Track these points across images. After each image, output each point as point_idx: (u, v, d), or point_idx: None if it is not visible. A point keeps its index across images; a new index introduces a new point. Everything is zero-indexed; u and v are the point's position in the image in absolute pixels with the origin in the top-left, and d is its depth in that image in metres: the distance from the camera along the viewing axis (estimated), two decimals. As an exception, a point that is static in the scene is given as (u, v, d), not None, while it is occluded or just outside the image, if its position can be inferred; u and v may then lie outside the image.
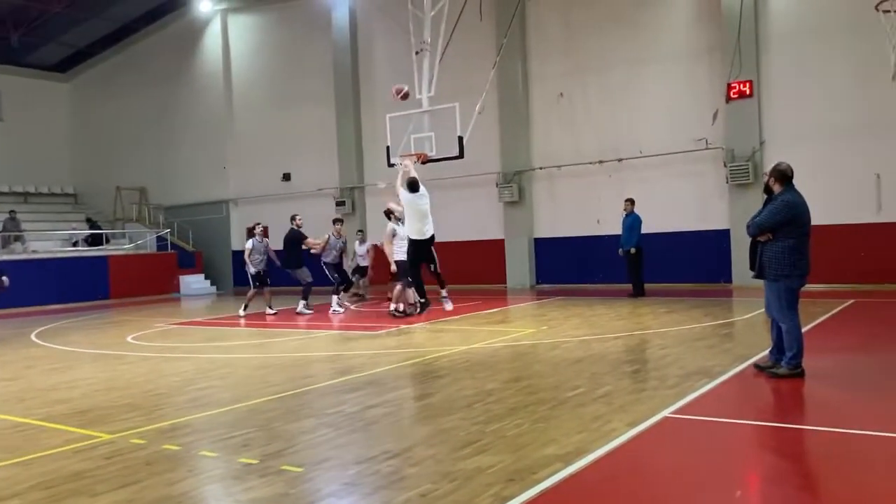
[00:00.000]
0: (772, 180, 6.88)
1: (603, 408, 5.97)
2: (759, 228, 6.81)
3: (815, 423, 5.72)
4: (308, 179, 23.22)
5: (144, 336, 12.62)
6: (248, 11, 24.94)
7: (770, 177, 6.91)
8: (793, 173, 6.80)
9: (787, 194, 6.75)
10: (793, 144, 15.45)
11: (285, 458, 5.00)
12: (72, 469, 4.94)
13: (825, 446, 5.04)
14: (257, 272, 15.04)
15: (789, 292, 6.75)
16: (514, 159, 19.50)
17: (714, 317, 11.48)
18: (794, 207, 6.65)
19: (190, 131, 26.13)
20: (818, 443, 5.13)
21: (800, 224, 6.64)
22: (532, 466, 4.55)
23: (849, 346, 8.47)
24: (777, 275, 6.71)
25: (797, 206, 6.67)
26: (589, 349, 8.98)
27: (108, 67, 28.54)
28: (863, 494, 4.08)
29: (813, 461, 4.71)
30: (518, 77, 19.33)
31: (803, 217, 6.67)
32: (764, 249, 6.78)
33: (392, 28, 20.37)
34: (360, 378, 7.75)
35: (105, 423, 6.22)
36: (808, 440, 5.21)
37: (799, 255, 6.63)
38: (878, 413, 5.68)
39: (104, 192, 27.55)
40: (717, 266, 16.87)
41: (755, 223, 6.85)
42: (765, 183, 7.07)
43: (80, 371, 9.18)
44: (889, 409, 5.78)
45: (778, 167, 6.86)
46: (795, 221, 6.63)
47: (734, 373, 7.18)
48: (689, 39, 17.28)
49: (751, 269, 7.07)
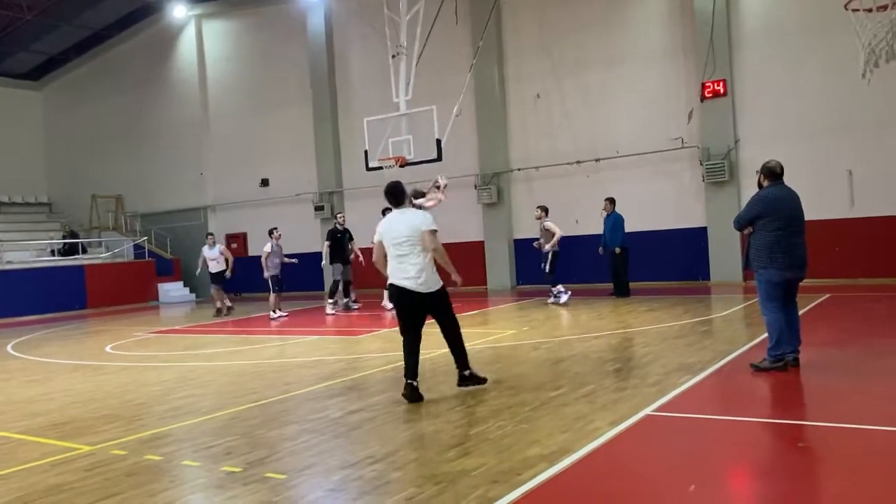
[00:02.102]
0: (761, 177, 7.04)
1: (586, 407, 5.99)
2: (736, 222, 7.10)
3: (797, 417, 5.79)
4: (286, 185, 23.12)
5: (123, 345, 12.48)
6: (222, 17, 24.78)
7: (760, 174, 7.06)
8: (782, 170, 6.92)
9: (766, 189, 6.88)
10: (766, 142, 15.63)
11: (268, 465, 4.97)
12: (50, 482, 4.88)
13: (807, 440, 5.10)
14: (274, 275, 15.22)
15: (769, 285, 6.85)
16: (492, 161, 19.54)
17: (694, 314, 11.58)
18: (767, 202, 6.78)
19: (166, 138, 25.91)
20: (800, 437, 5.18)
21: (778, 218, 6.73)
22: (516, 467, 4.56)
23: (827, 340, 8.58)
24: (757, 267, 6.89)
25: (772, 200, 6.79)
26: (571, 349, 9.02)
27: (82, 75, 28.23)
28: (847, 488, 4.13)
29: (795, 455, 4.76)
30: (495, 79, 19.39)
31: (781, 211, 6.75)
32: (750, 242, 6.94)
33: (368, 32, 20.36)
34: (341, 383, 7.73)
35: (84, 434, 6.14)
36: (789, 434, 5.26)
37: (778, 249, 6.71)
38: (857, 406, 5.75)
39: (79, 201, 27.22)
40: (695, 264, 17.01)
41: (734, 218, 7.16)
42: (758, 182, 7.18)
43: (59, 382, 9.06)
44: (868, 403, 5.86)
45: (766, 165, 7.03)
46: (771, 214, 6.73)
47: (715, 369, 7.25)
48: (663, 40, 17.43)
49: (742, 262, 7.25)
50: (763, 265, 6.81)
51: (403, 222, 6.70)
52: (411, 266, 6.61)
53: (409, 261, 6.63)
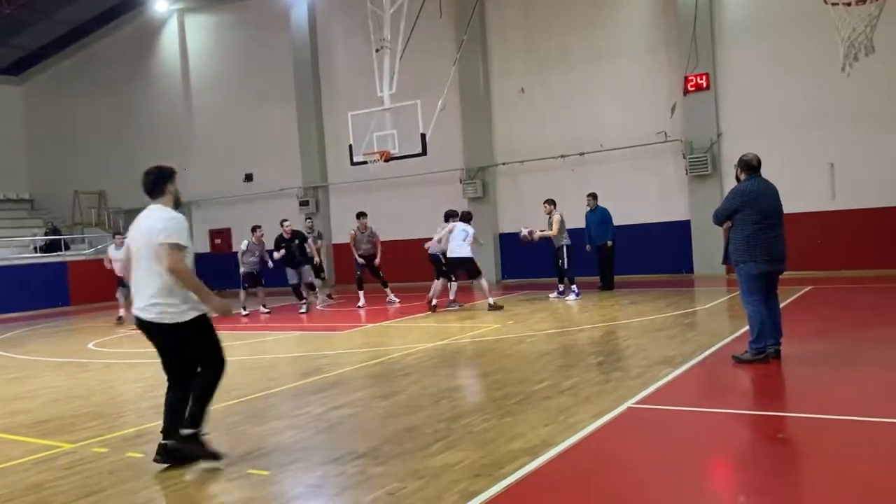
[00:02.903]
0: (738, 171, 7.09)
1: (569, 400, 6.02)
2: (714, 216, 7.15)
3: (779, 409, 5.84)
4: (271, 180, 23.00)
5: (106, 342, 12.40)
6: (205, 11, 24.58)
7: (737, 167, 7.11)
8: (759, 163, 6.98)
9: (744, 183, 6.93)
10: (749, 135, 15.72)
11: (251, 461, 4.96)
12: (31, 481, 4.85)
13: (788, 431, 5.15)
14: (248, 272, 15.34)
15: (749, 278, 6.91)
16: (477, 155, 19.54)
17: (677, 307, 11.65)
18: (745, 195, 6.84)
19: (149, 133, 25.68)
20: (781, 428, 5.23)
21: (756, 211, 6.78)
22: (499, 461, 4.57)
23: (809, 331, 8.65)
24: (736, 260, 6.93)
25: (748, 193, 6.84)
26: (555, 342, 9.05)
27: (63, 70, 27.93)
28: (827, 478, 4.18)
29: (778, 447, 4.80)
30: (479, 73, 19.37)
31: (759, 204, 6.80)
32: (729, 236, 6.98)
33: (352, 26, 20.30)
34: (325, 379, 7.72)
35: (66, 432, 6.11)
36: (770, 426, 5.31)
37: (756, 242, 6.77)
38: (838, 397, 5.82)
39: (62, 197, 26.95)
40: (678, 257, 17.10)
41: (713, 213, 7.15)
42: (736, 175, 7.22)
43: (41, 380, 8.99)
44: (849, 393, 5.93)
45: (742, 158, 7.09)
46: (749, 208, 6.78)
47: (696, 361, 7.30)
48: (647, 34, 17.48)
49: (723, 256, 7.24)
50: (742, 259, 6.87)
51: (143, 225, 5.13)
52: (144, 286, 4.92)
53: (142, 279, 4.95)
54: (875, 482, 3.98)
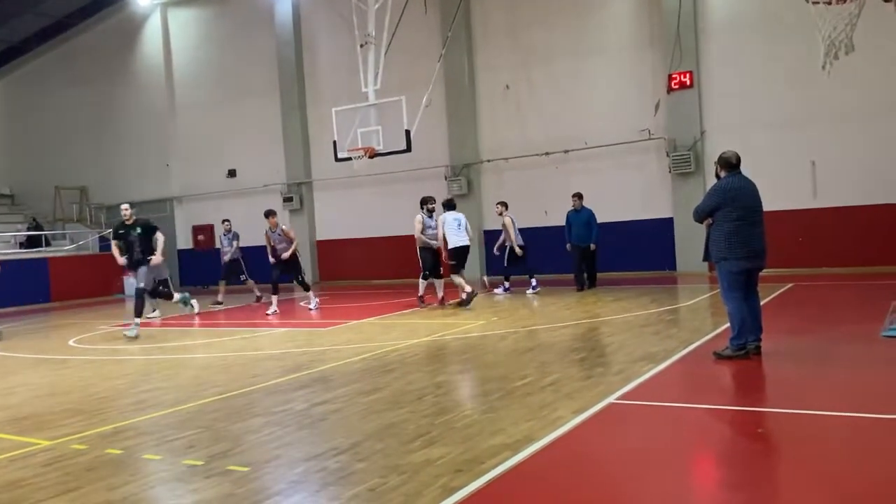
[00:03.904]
0: (718, 168, 7.13)
1: (550, 396, 6.03)
2: (695, 214, 7.18)
3: (759, 404, 5.89)
4: (254, 175, 22.87)
5: (87, 339, 12.30)
6: (188, 5, 24.38)
7: (717, 165, 7.15)
8: (738, 161, 7.03)
9: (724, 180, 6.98)
10: (732, 133, 15.81)
11: (231, 458, 4.94)
12: (8, 478, 4.79)
13: (768, 427, 5.19)
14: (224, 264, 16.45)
15: (729, 275, 6.96)
16: (461, 152, 19.53)
17: (660, 303, 11.71)
18: (724, 192, 6.88)
19: (131, 128, 25.48)
20: (761, 423, 5.27)
21: (736, 208, 6.82)
22: (480, 456, 4.58)
23: (790, 328, 8.72)
24: (717, 257, 6.97)
25: (728, 190, 6.89)
26: (537, 339, 9.07)
27: (44, 64, 27.60)
28: (805, 473, 4.21)
29: (757, 442, 4.83)
30: (464, 70, 19.35)
31: (739, 201, 6.85)
32: (709, 233, 7.01)
33: (336, 21, 20.18)
34: (307, 375, 7.69)
35: (45, 429, 6.04)
36: (752, 421, 5.34)
37: (736, 239, 6.81)
38: (817, 393, 5.87)
39: (43, 193, 26.66)
40: (661, 254, 17.18)
41: (694, 211, 7.17)
42: (715, 173, 7.27)
43: (20, 377, 8.90)
44: (831, 389, 5.99)
45: (722, 155, 7.12)
46: (729, 205, 6.82)
47: (678, 357, 7.34)
48: (631, 31, 17.52)
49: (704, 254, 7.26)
50: (723, 256, 6.91)
51: None
52: None
53: None
54: (853, 476, 4.02)
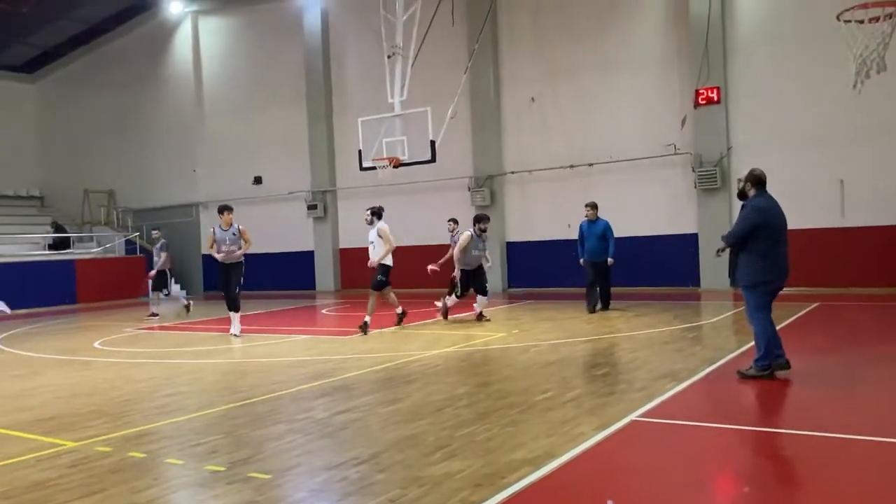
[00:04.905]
0: (747, 185, 7.02)
1: (572, 411, 6.01)
2: (734, 238, 6.91)
3: (783, 425, 5.82)
4: (279, 183, 23.08)
5: (111, 341, 12.44)
6: (218, 13, 24.73)
7: (745, 182, 7.04)
8: (766, 179, 6.94)
9: (757, 199, 6.87)
10: (759, 150, 15.69)
11: (253, 465, 4.97)
12: (34, 478, 4.86)
13: (793, 449, 5.12)
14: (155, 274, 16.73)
15: (762, 296, 6.85)
16: (486, 163, 19.56)
17: (683, 320, 11.62)
18: (764, 212, 6.77)
19: (159, 134, 25.85)
20: (786, 445, 5.20)
21: (770, 228, 6.74)
22: (501, 471, 4.56)
23: (816, 348, 8.62)
24: (750, 280, 6.83)
25: (767, 210, 6.79)
26: (559, 353, 9.03)
27: (76, 69, 28.12)
28: (828, 498, 4.15)
29: (781, 464, 4.78)
30: (490, 82, 19.41)
31: (774, 221, 6.78)
32: (738, 254, 6.87)
33: (364, 32, 20.37)
34: (329, 383, 7.72)
35: (70, 430, 6.12)
36: (775, 443, 5.29)
37: (770, 260, 6.71)
38: (842, 416, 5.78)
39: (72, 195, 27.12)
40: (685, 270, 17.06)
41: (730, 234, 6.99)
42: (739, 189, 7.17)
43: (46, 377, 9.02)
44: (858, 412, 5.89)
45: (752, 172, 7.01)
46: (766, 226, 6.74)
47: (702, 376, 7.27)
48: (658, 46, 17.48)
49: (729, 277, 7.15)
50: (760, 279, 6.78)
51: None
52: None
53: None
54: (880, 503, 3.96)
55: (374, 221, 12.14)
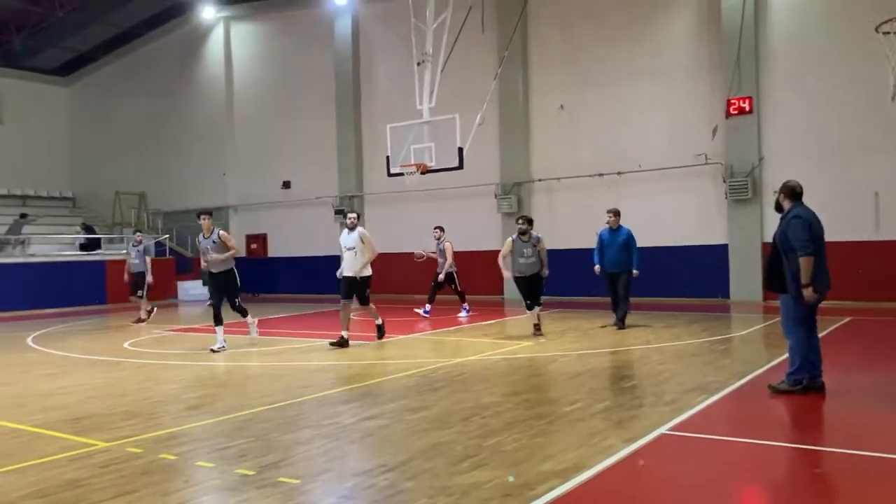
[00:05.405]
0: (782, 196, 6.92)
1: (601, 423, 5.96)
2: (807, 247, 6.54)
3: (817, 442, 5.72)
4: (307, 187, 23.25)
5: (141, 342, 12.58)
6: (250, 20, 25.01)
7: (780, 193, 6.94)
8: (802, 190, 6.84)
9: (801, 210, 6.74)
10: (791, 161, 15.51)
11: (282, 469, 4.99)
12: (67, 477, 4.92)
13: (825, 466, 5.04)
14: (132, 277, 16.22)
15: (804, 308, 6.71)
16: (513, 171, 19.54)
17: (711, 332, 11.49)
18: (811, 224, 6.63)
19: (190, 137, 26.16)
20: (818, 463, 5.12)
21: (815, 239, 6.63)
22: (529, 482, 4.54)
23: (848, 364, 8.47)
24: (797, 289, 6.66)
25: (813, 221, 6.68)
26: (587, 363, 8.97)
27: (109, 72, 28.58)
28: (860, 516, 4.07)
29: (814, 483, 4.70)
30: (519, 89, 19.40)
31: (818, 232, 6.68)
32: (790, 263, 6.69)
33: (394, 39, 20.45)
34: (355, 389, 7.74)
35: (101, 430, 6.19)
36: (808, 460, 5.20)
37: (817, 271, 6.58)
38: (882, 433, 5.67)
39: (103, 197, 27.54)
40: (714, 281, 16.88)
41: (800, 247, 6.56)
42: (776, 201, 7.06)
43: (77, 377, 9.15)
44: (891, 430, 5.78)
45: (787, 184, 6.91)
46: (812, 236, 6.63)
47: (732, 389, 7.18)
48: (689, 55, 17.36)
49: (770, 287, 7.00)
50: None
51: None
52: None
53: None
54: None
55: (355, 225, 11.28)
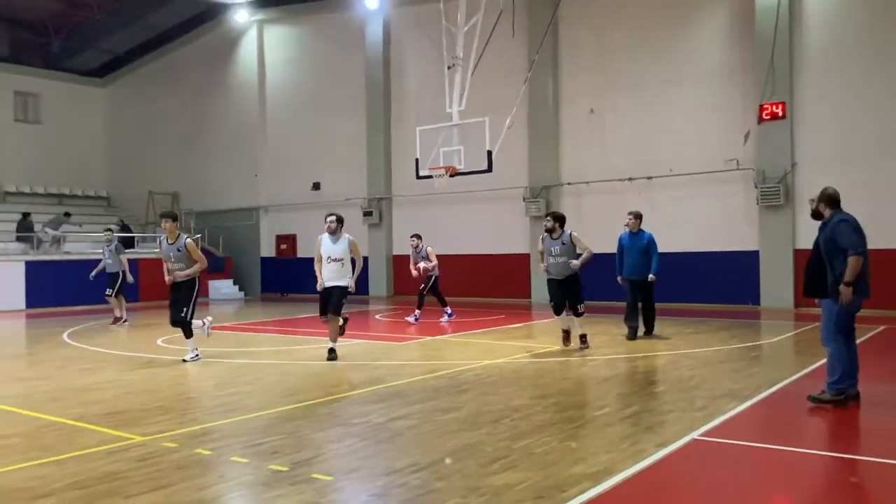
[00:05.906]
0: (821, 205, 6.78)
1: (630, 428, 5.95)
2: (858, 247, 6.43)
3: (853, 451, 5.66)
4: (337, 189, 23.42)
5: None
6: (283, 23, 25.29)
7: (819, 202, 6.82)
8: (839, 197, 6.74)
9: (845, 215, 6.61)
10: (825, 167, 15.32)
11: (314, 466, 5.05)
12: (105, 470, 5.03)
13: (862, 476, 4.98)
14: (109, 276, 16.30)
15: (845, 315, 6.61)
16: (542, 174, 19.52)
17: (741, 339, 11.39)
18: (859, 228, 6.54)
19: (223, 139, 26.51)
20: (855, 472, 5.07)
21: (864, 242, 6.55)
22: (561, 484, 4.55)
23: (885, 372, 8.36)
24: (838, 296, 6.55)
25: (858, 223, 6.57)
26: (615, 368, 8.95)
27: (145, 74, 29.07)
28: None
29: (851, 491, 4.65)
30: (549, 93, 19.39)
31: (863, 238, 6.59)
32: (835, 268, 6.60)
33: (424, 42, 20.54)
34: (385, 388, 7.80)
35: (137, 424, 6.31)
36: (845, 469, 5.15)
37: (862, 278, 6.50)
38: (911, 443, 5.60)
39: (137, 196, 28.00)
40: (745, 287, 16.71)
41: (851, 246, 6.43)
42: (813, 209, 6.94)
43: (112, 372, 9.31)
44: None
45: (826, 191, 6.78)
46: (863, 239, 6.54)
47: (764, 396, 7.12)
48: (721, 59, 17.23)
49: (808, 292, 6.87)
50: None
51: None
52: None
53: None
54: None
55: (339, 230, 9.92)
